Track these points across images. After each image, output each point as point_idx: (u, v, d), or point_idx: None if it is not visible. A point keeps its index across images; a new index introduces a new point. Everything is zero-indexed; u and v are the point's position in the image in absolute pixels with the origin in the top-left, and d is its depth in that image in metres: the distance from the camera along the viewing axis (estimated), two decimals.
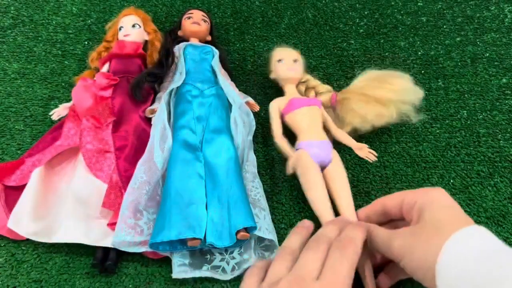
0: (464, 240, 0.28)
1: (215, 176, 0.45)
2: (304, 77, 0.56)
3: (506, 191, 0.47)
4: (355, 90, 0.51)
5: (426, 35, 0.65)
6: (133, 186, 0.43)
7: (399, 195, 0.36)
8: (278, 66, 0.55)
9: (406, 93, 0.49)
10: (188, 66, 0.55)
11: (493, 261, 0.26)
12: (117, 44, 0.58)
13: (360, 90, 0.50)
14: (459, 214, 0.31)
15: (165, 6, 0.72)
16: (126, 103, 0.52)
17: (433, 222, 0.30)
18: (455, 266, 0.27)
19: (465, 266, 0.26)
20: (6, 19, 0.68)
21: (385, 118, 0.49)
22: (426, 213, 0.31)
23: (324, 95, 0.54)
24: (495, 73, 0.59)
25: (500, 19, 0.66)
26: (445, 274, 0.27)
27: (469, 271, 0.26)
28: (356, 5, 0.71)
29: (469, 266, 0.26)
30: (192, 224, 0.40)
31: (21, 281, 0.41)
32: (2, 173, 0.46)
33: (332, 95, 0.53)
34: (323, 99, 0.54)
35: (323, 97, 0.54)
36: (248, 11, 0.71)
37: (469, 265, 0.26)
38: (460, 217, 0.30)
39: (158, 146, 0.47)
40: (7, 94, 0.58)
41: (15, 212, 0.42)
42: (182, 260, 0.41)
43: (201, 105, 0.51)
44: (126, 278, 0.42)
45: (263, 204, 0.44)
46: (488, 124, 0.54)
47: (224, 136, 0.48)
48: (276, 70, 0.55)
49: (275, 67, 0.55)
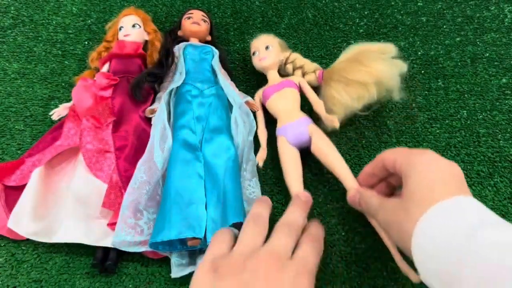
0: (439, 215, 0.27)
1: (214, 176, 0.45)
2: (291, 56, 0.56)
3: (506, 191, 0.47)
4: (337, 71, 0.51)
5: (426, 35, 0.65)
6: (133, 186, 0.43)
7: (393, 153, 0.35)
8: (253, 59, 0.56)
9: (384, 74, 0.48)
10: (188, 66, 0.55)
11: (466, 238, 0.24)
12: (117, 44, 0.58)
13: (340, 72, 0.50)
14: (442, 184, 0.29)
15: (165, 6, 0.72)
16: (126, 103, 0.52)
17: (412, 194, 0.29)
18: (428, 243, 0.26)
19: (438, 244, 0.26)
20: (6, 19, 0.68)
21: (365, 99, 0.49)
22: (409, 182, 0.30)
23: (311, 74, 0.54)
24: (495, 73, 0.59)
25: (500, 19, 0.66)
26: (419, 251, 0.27)
27: (441, 249, 0.25)
28: (356, 5, 0.71)
29: (441, 244, 0.25)
30: (192, 223, 0.40)
31: (21, 281, 0.41)
32: (2, 173, 0.46)
33: (318, 74, 0.54)
34: (310, 78, 0.54)
35: (310, 76, 0.54)
36: (248, 11, 0.71)
37: (442, 243, 0.26)
38: (442, 188, 0.28)
39: (158, 146, 0.47)
40: (7, 94, 0.58)
41: (15, 212, 0.42)
42: (180, 260, 0.41)
43: (200, 105, 0.51)
44: (126, 278, 0.42)
45: None
46: (488, 124, 0.54)
47: (223, 136, 0.48)
48: (253, 63, 0.57)
49: (252, 60, 0.57)
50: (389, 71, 0.49)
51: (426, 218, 0.27)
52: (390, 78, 0.49)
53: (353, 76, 0.49)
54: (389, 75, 0.49)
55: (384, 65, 0.49)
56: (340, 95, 0.49)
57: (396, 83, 0.50)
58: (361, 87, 0.49)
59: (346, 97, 0.49)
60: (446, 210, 0.27)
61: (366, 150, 0.52)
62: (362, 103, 0.50)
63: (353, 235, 0.45)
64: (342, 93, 0.49)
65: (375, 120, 0.55)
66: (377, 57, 0.49)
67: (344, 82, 0.49)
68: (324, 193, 0.48)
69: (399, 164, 0.33)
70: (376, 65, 0.48)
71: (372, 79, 0.48)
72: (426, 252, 0.27)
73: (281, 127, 0.49)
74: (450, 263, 0.25)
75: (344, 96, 0.49)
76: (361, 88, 0.49)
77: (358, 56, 0.50)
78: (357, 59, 0.50)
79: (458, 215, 0.26)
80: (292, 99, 0.51)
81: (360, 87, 0.49)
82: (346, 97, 0.49)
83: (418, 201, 0.28)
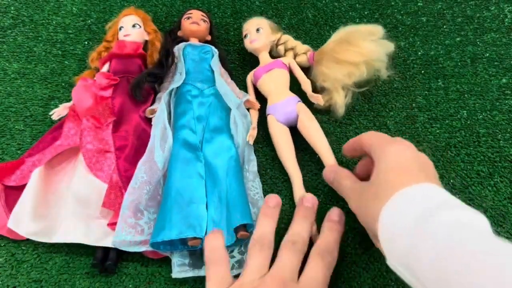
0: (404, 201, 0.27)
1: (215, 175, 0.45)
2: (282, 38, 0.58)
3: (506, 191, 0.47)
4: (327, 52, 0.53)
5: (426, 35, 0.65)
6: (133, 186, 0.43)
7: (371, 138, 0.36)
8: (244, 42, 0.58)
9: (373, 54, 0.51)
10: (188, 66, 0.55)
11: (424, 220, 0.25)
12: (117, 44, 0.58)
13: (331, 53, 0.52)
14: (409, 171, 0.29)
15: (165, 6, 0.72)
16: (126, 103, 0.52)
17: (381, 180, 0.30)
18: (392, 227, 0.27)
19: (400, 227, 0.26)
20: (6, 19, 0.68)
21: (355, 76, 0.51)
22: (378, 167, 0.31)
23: (302, 55, 0.56)
24: (495, 73, 0.59)
25: (500, 19, 0.66)
26: (384, 236, 0.28)
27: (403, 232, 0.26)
28: (356, 5, 0.71)
29: (403, 227, 0.26)
30: (192, 223, 0.40)
31: (21, 281, 0.41)
32: (2, 173, 0.46)
33: (309, 54, 0.55)
34: (302, 59, 0.56)
35: (302, 58, 0.56)
36: (248, 11, 0.71)
37: (403, 226, 0.26)
38: (409, 175, 0.29)
39: (159, 146, 0.47)
40: (7, 94, 0.58)
41: (15, 212, 0.42)
42: (182, 260, 0.41)
43: (201, 105, 0.51)
44: (126, 278, 0.42)
45: (261, 205, 0.44)
46: (488, 124, 0.54)
47: (224, 135, 0.48)
48: (245, 46, 0.58)
49: (244, 43, 0.58)
50: (377, 51, 0.51)
51: (391, 203, 0.28)
52: (378, 57, 0.51)
53: (343, 56, 0.50)
54: (377, 55, 0.51)
55: (372, 45, 0.51)
56: (330, 70, 0.51)
57: (384, 62, 0.52)
58: (351, 65, 0.51)
59: (336, 72, 0.51)
60: (410, 195, 0.27)
61: None
62: (353, 79, 0.52)
63: (353, 235, 0.45)
64: (333, 69, 0.51)
65: (375, 120, 0.55)
66: (365, 37, 0.51)
67: (334, 61, 0.51)
68: (324, 193, 0.48)
69: (374, 149, 0.34)
70: (365, 44, 0.50)
71: (362, 58, 0.50)
72: (390, 236, 0.27)
73: (271, 106, 0.51)
74: (410, 245, 0.25)
75: (335, 71, 0.51)
76: (350, 66, 0.51)
77: (347, 37, 0.52)
78: (347, 40, 0.52)
79: (421, 200, 0.27)
80: (281, 79, 0.53)
81: (350, 65, 0.51)
82: (336, 72, 0.51)
83: (385, 186, 0.29)
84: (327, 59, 0.52)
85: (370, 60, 0.51)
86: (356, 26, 0.54)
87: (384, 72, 0.53)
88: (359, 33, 0.52)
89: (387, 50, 0.52)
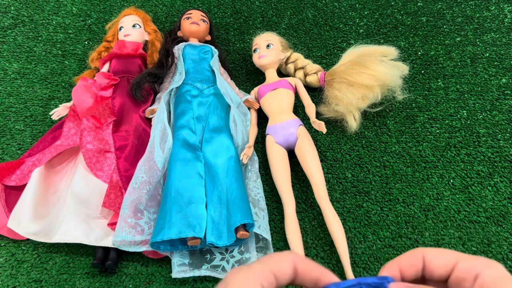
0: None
1: (214, 175, 0.45)
2: (292, 56, 0.57)
3: (506, 191, 0.47)
4: (339, 73, 0.52)
5: (426, 35, 0.65)
6: (133, 185, 0.43)
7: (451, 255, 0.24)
8: (253, 56, 0.57)
9: (386, 77, 0.50)
10: (187, 66, 0.55)
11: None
12: (117, 44, 0.58)
13: (343, 74, 0.51)
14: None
15: (165, 6, 0.72)
16: (126, 103, 0.52)
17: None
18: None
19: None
20: (6, 19, 0.68)
21: (369, 99, 0.50)
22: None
23: (313, 75, 0.55)
24: (495, 73, 0.59)
25: (500, 19, 0.66)
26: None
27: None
28: (356, 5, 0.71)
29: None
30: (192, 223, 0.40)
31: (21, 281, 0.41)
32: (2, 173, 0.46)
33: (320, 75, 0.54)
34: (312, 79, 0.55)
35: (312, 78, 0.55)
36: (248, 11, 0.71)
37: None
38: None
39: (158, 146, 0.47)
40: (7, 94, 0.58)
41: (15, 212, 0.42)
42: (182, 259, 0.41)
43: (200, 105, 0.51)
44: (126, 278, 0.42)
45: (262, 205, 0.44)
46: (488, 124, 0.54)
47: (224, 135, 0.48)
48: (253, 60, 0.57)
49: (252, 57, 0.57)
50: (391, 74, 0.50)
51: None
52: (393, 80, 0.50)
53: (356, 79, 0.49)
54: (392, 78, 0.50)
55: (386, 68, 0.50)
56: (343, 93, 0.50)
57: (398, 84, 0.51)
58: (365, 88, 0.49)
59: (350, 95, 0.50)
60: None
61: (366, 150, 0.52)
62: (367, 103, 0.51)
63: (353, 235, 0.45)
64: (346, 92, 0.50)
65: (375, 120, 0.55)
66: (379, 59, 0.50)
67: (347, 84, 0.50)
68: None
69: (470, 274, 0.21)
70: (378, 67, 0.49)
71: (376, 81, 0.49)
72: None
73: (271, 126, 0.50)
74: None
75: (348, 94, 0.50)
76: (365, 89, 0.49)
77: (360, 59, 0.51)
78: (359, 62, 0.50)
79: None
80: (285, 99, 0.51)
81: (364, 88, 0.49)
82: (350, 95, 0.50)
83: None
84: (339, 81, 0.51)
85: (384, 83, 0.50)
86: (368, 47, 0.53)
87: (399, 94, 0.52)
88: (371, 55, 0.51)
89: (401, 72, 0.51)
